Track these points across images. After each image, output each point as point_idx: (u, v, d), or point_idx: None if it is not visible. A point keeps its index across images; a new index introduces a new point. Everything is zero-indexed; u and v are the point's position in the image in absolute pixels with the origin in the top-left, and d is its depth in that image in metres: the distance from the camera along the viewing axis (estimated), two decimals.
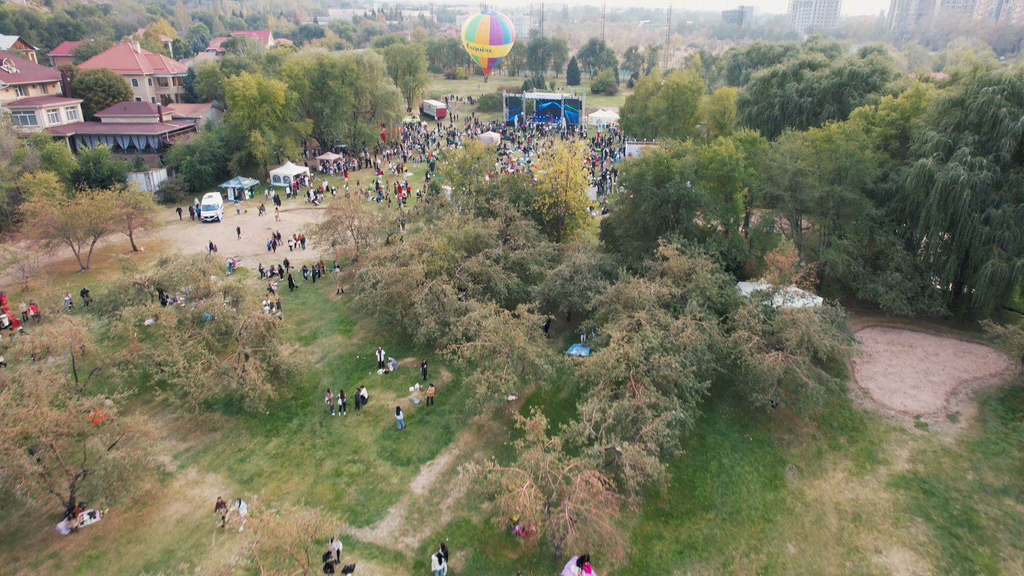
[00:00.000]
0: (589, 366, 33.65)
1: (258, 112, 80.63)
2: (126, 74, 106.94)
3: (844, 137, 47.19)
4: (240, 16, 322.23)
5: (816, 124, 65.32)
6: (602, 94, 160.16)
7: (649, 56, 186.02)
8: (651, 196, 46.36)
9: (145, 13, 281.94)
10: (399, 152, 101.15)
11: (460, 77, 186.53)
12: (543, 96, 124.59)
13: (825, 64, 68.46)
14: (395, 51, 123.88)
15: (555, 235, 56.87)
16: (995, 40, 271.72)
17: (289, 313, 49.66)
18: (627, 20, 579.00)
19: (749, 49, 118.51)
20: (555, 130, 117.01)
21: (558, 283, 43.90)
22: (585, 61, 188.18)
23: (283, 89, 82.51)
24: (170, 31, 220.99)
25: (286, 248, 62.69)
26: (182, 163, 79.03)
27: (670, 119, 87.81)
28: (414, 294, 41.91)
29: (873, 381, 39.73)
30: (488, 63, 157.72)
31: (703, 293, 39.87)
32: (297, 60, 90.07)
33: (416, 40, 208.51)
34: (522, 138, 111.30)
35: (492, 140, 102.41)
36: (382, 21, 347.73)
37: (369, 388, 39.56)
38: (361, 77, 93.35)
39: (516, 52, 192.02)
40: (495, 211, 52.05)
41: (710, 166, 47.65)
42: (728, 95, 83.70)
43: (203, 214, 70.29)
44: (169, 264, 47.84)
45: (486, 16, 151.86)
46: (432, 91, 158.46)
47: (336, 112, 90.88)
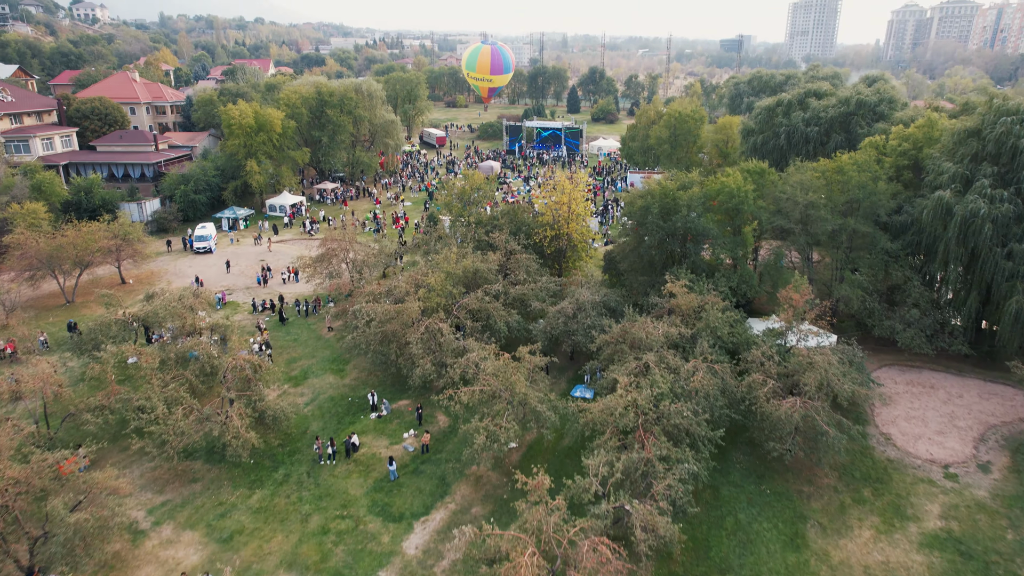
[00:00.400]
0: (595, 413, 31.44)
1: (254, 141, 79.39)
2: (124, 102, 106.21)
3: (856, 168, 45.57)
4: (243, 45, 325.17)
5: (823, 154, 64.01)
6: (602, 122, 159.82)
7: (649, 84, 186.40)
8: (657, 229, 44.56)
9: (148, 42, 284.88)
10: (398, 181, 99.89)
11: (460, 105, 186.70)
12: (544, 125, 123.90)
13: (831, 93, 67.29)
14: (395, 79, 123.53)
15: (557, 268, 54.99)
16: (992, 69, 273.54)
17: (280, 351, 47.53)
18: (626, 49, 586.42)
19: (750, 77, 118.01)
20: (556, 159, 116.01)
21: (560, 321, 41.86)
22: (585, 89, 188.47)
23: (280, 118, 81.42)
24: (172, 60, 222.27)
25: (279, 281, 60.75)
26: (176, 192, 77.51)
27: (673, 148, 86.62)
28: (409, 333, 39.84)
29: (895, 426, 37.45)
30: (489, 92, 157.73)
31: (714, 333, 37.82)
32: (295, 89, 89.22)
33: (417, 68, 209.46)
34: (522, 167, 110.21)
35: (492, 169, 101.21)
36: (383, 50, 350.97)
37: (361, 434, 37.27)
38: (360, 106, 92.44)
39: (516, 80, 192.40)
40: (495, 244, 50.23)
41: (718, 198, 45.93)
42: (731, 124, 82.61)
43: (195, 245, 68.52)
44: (155, 299, 45.83)
45: (487, 46, 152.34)
46: (432, 119, 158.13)
47: (334, 141, 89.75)
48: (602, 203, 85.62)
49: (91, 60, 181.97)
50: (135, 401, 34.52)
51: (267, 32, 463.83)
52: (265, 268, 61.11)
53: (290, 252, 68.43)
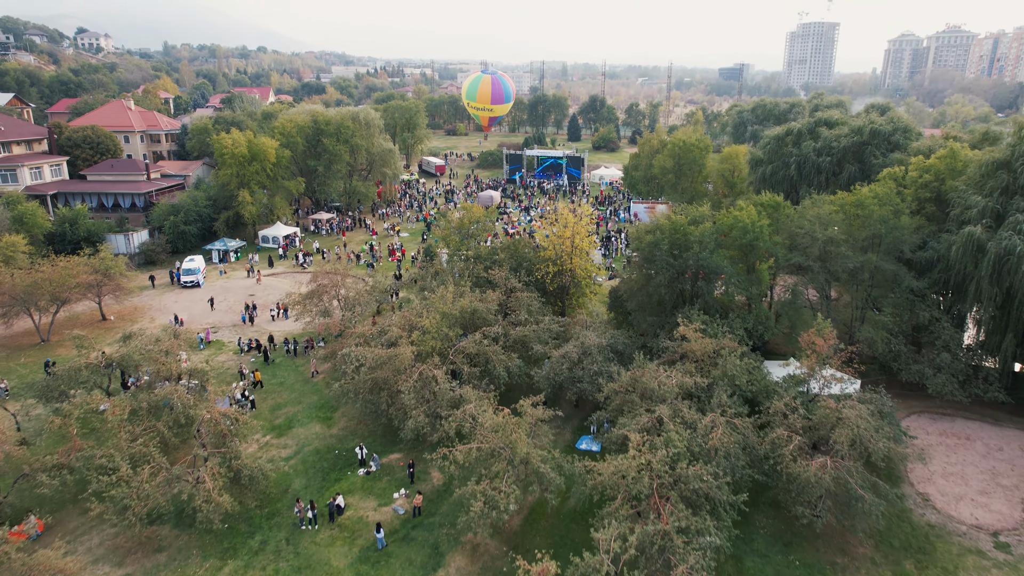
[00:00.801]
0: (605, 476, 28.28)
1: (247, 171, 77.16)
2: (118, 131, 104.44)
3: (877, 201, 42.98)
4: (244, 73, 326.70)
5: (836, 185, 61.58)
6: (603, 150, 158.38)
7: (650, 112, 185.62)
8: (667, 267, 41.79)
9: (150, 71, 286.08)
10: (396, 211, 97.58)
11: (460, 133, 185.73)
12: (544, 153, 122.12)
13: (842, 122, 65.13)
14: (394, 108, 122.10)
15: (559, 306, 52.11)
16: (991, 97, 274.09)
17: (264, 396, 44.42)
18: (625, 77, 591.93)
19: (754, 106, 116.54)
20: (557, 188, 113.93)
21: (565, 367, 38.84)
22: (586, 117, 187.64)
23: (274, 147, 79.32)
24: (172, 88, 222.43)
25: (268, 318, 57.80)
26: (165, 223, 75.04)
27: (677, 178, 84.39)
28: (401, 380, 36.78)
29: (932, 484, 34.22)
30: (489, 121, 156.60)
31: (731, 382, 34.80)
32: (290, 117, 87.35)
33: (417, 97, 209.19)
34: (523, 197, 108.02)
35: (492, 199, 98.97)
36: (384, 78, 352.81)
37: (347, 493, 34.02)
38: (357, 134, 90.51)
39: (516, 109, 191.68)
40: (494, 281, 47.43)
41: (731, 234, 43.25)
42: (737, 153, 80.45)
43: (183, 279, 65.72)
44: (132, 340, 42.94)
45: (487, 75, 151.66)
46: (432, 147, 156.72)
47: (330, 170, 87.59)
48: (604, 234, 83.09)
49: (91, 88, 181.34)
50: (98, 458, 31.35)
51: (269, 61, 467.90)
52: (250, 306, 58.08)
53: (281, 286, 65.63)
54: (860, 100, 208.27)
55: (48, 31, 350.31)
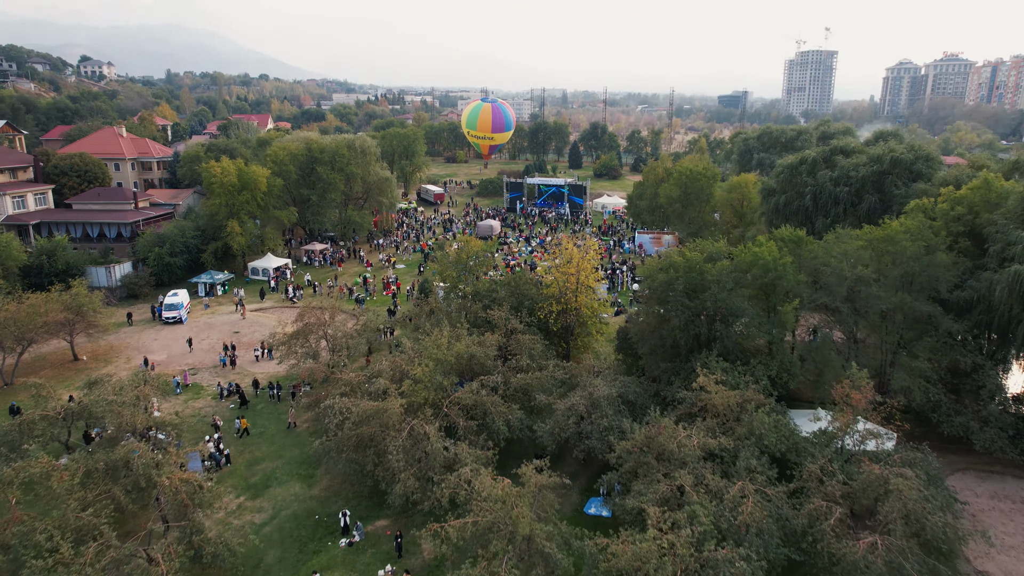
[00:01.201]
0: (622, 560, 24.34)
1: (237, 200, 74.03)
2: (108, 158, 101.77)
3: (908, 237, 39.53)
4: (245, 100, 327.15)
5: (854, 216, 58.32)
6: (605, 178, 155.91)
7: (651, 140, 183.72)
8: (682, 309, 38.18)
9: (151, 98, 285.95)
10: (392, 241, 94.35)
11: (460, 160, 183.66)
12: (546, 182, 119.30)
13: (860, 150, 62.14)
14: (392, 135, 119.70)
15: (564, 347, 48.41)
16: (993, 124, 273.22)
17: (241, 448, 40.52)
18: (625, 104, 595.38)
19: (760, 133, 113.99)
20: (558, 217, 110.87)
21: (571, 421, 35.02)
22: (587, 145, 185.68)
23: (265, 175, 76.31)
24: (171, 115, 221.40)
25: (252, 358, 54.00)
26: (150, 255, 71.68)
27: (684, 207, 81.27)
28: (389, 438, 32.97)
29: (992, 561, 30.17)
30: (489, 150, 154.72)
31: (759, 441, 30.99)
32: (283, 145, 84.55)
33: (417, 124, 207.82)
34: (524, 226, 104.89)
35: (492, 229, 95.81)
36: (385, 105, 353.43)
37: (327, 569, 29.99)
38: (352, 163, 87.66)
39: (517, 136, 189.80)
40: (493, 322, 43.80)
41: (751, 272, 39.73)
42: (747, 182, 77.42)
43: (164, 314, 62.13)
44: (97, 388, 39.27)
45: (487, 104, 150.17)
46: (431, 175, 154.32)
47: (324, 200, 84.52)
48: (609, 266, 79.64)
49: (87, 115, 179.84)
50: (38, 533, 27.39)
51: (271, 88, 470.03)
52: (230, 346, 54.21)
53: (267, 322, 62.01)
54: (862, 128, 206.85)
55: (51, 59, 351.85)
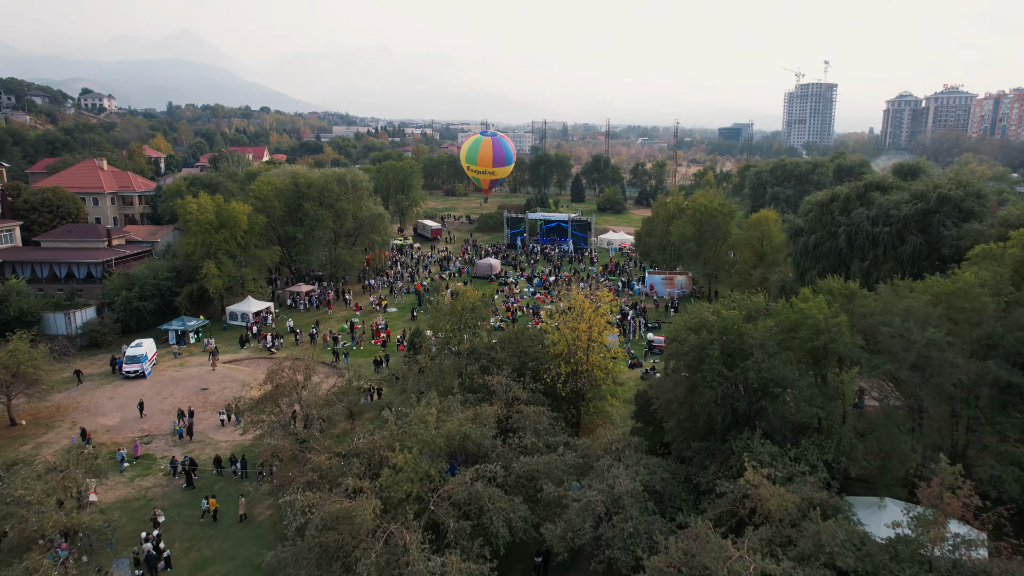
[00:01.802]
0: None
1: (214, 239, 68.08)
2: (86, 192, 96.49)
3: (986, 291, 33.24)
4: (243, 133, 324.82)
5: (896, 259, 52.15)
6: (609, 212, 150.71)
7: (656, 173, 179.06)
8: (719, 380, 31.69)
9: (148, 130, 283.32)
10: (385, 281, 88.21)
11: (459, 194, 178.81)
12: (548, 217, 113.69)
13: (898, 185, 56.37)
14: (387, 168, 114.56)
15: (574, 414, 41.82)
16: (1000, 156, 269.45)
17: (188, 545, 33.67)
18: (625, 137, 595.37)
19: (773, 166, 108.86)
20: (562, 254, 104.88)
21: (588, 524, 28.27)
22: (589, 178, 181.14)
23: (247, 212, 70.54)
24: (166, 147, 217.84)
25: (216, 423, 47.28)
26: (116, 299, 65.48)
27: (699, 246, 75.32)
28: (361, 548, 26.24)
29: None
30: (490, 184, 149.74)
31: (830, 559, 24.27)
32: (268, 179, 79.02)
33: (416, 156, 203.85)
34: (525, 264, 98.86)
35: (491, 267, 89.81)
36: (384, 138, 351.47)
37: None
38: (342, 198, 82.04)
39: (518, 169, 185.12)
40: (492, 388, 37.31)
41: (799, 333, 33.31)
42: (767, 219, 71.61)
43: (124, 367, 55.57)
44: (17, 473, 32.69)
45: (487, 138, 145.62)
46: (429, 209, 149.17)
47: (311, 237, 78.59)
48: (618, 310, 73.19)
49: (78, 147, 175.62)
50: None
51: (271, 121, 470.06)
52: (184, 414, 47.14)
53: (239, 377, 55.49)
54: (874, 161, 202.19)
55: (51, 92, 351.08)
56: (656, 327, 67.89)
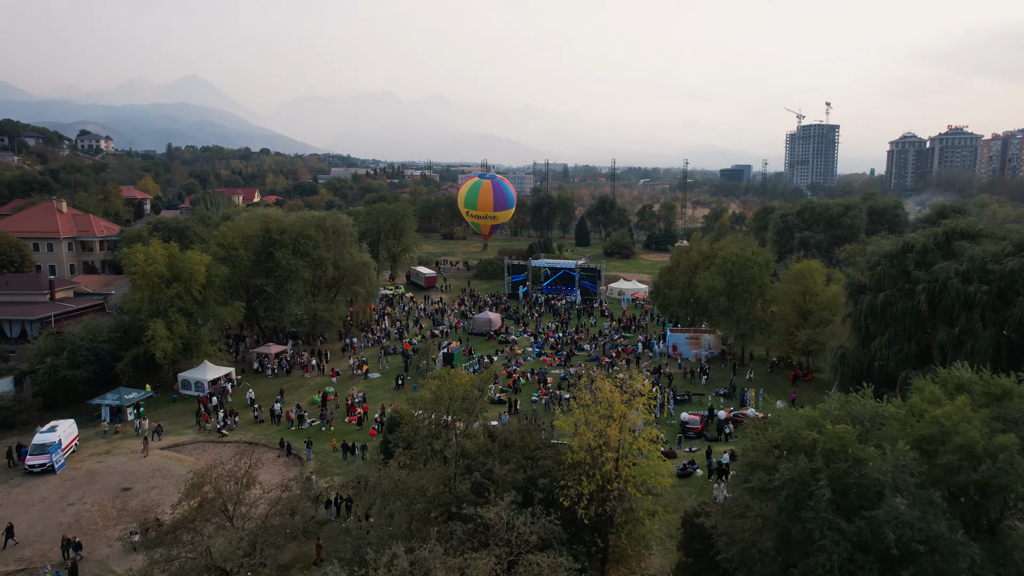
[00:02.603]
0: None
1: (164, 295, 57.79)
2: (39, 237, 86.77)
3: None
4: (239, 174, 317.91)
5: (995, 325, 41.64)
6: (616, 257, 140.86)
7: (665, 215, 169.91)
8: (834, 537, 20.73)
9: (140, 171, 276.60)
10: (371, 338, 77.55)
11: (458, 237, 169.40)
12: (553, 264, 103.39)
13: (990, 233, 46.20)
14: (378, 211, 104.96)
15: (598, 546, 30.62)
16: (1017, 196, 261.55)
17: None
18: (626, 179, 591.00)
19: (800, 208, 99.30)
20: (569, 306, 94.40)
21: None
22: (594, 220, 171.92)
23: (205, 263, 60.41)
24: (154, 187, 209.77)
25: (119, 550, 35.86)
26: (40, 366, 54.78)
27: (731, 301, 64.90)
28: None
29: None
30: (490, 230, 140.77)
31: None
32: (234, 225, 69.11)
33: (413, 198, 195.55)
34: (528, 318, 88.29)
35: (490, 323, 79.30)
36: (383, 179, 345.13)
37: None
38: (321, 245, 72.12)
39: (519, 211, 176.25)
40: (488, 523, 26.34)
41: (939, 458, 22.47)
42: (811, 270, 61.53)
43: (28, 459, 44.37)
44: None
45: (486, 181, 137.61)
46: (426, 253, 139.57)
47: (283, 291, 68.31)
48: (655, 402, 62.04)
49: (57, 188, 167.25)
50: None
51: (270, 162, 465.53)
52: (72, 541, 35.41)
53: (176, 471, 44.29)
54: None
55: (47, 134, 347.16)
56: (685, 399, 56.99)
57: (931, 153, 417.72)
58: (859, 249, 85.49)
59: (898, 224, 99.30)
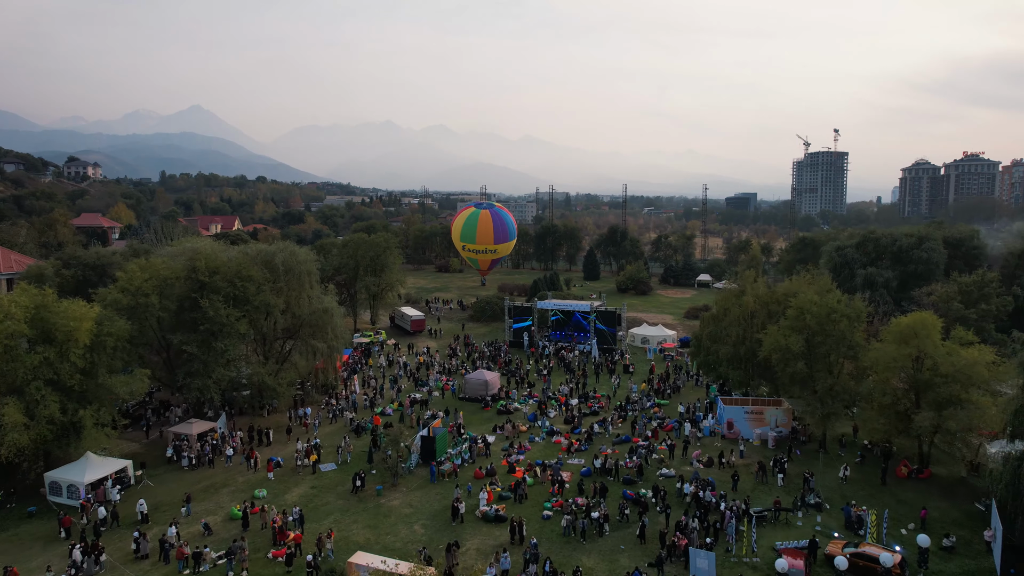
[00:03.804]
0: None
1: (22, 364, 40.97)
2: None
3: None
4: (227, 202, 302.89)
5: None
6: (631, 293, 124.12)
7: (682, 245, 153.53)
8: None
9: (120, 198, 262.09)
10: (334, 408, 60.43)
11: (454, 270, 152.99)
12: (563, 306, 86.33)
13: None
14: (357, 243, 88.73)
15: None
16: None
17: None
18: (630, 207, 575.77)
19: (861, 239, 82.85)
20: (583, 359, 77.31)
21: None
22: (604, 251, 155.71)
23: (91, 317, 43.71)
24: (127, 215, 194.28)
25: None
26: None
27: (810, 367, 47.95)
28: None
29: None
30: (490, 265, 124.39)
31: None
32: (146, 265, 52.50)
33: (407, 227, 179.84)
34: (535, 374, 71.18)
35: (486, 386, 62.25)
36: (379, 208, 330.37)
37: None
38: (268, 288, 55.54)
39: (521, 242, 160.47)
40: None
41: None
42: (925, 325, 44.63)
43: None
44: None
45: (484, 211, 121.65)
46: (418, 288, 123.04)
47: (210, 350, 51.36)
48: (691, 477, 44.44)
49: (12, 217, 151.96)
50: None
51: (266, 190, 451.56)
52: None
53: None
54: None
55: (31, 160, 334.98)
56: (765, 515, 39.21)
57: (946, 180, 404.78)
58: (948, 290, 68.70)
59: (977, 258, 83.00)
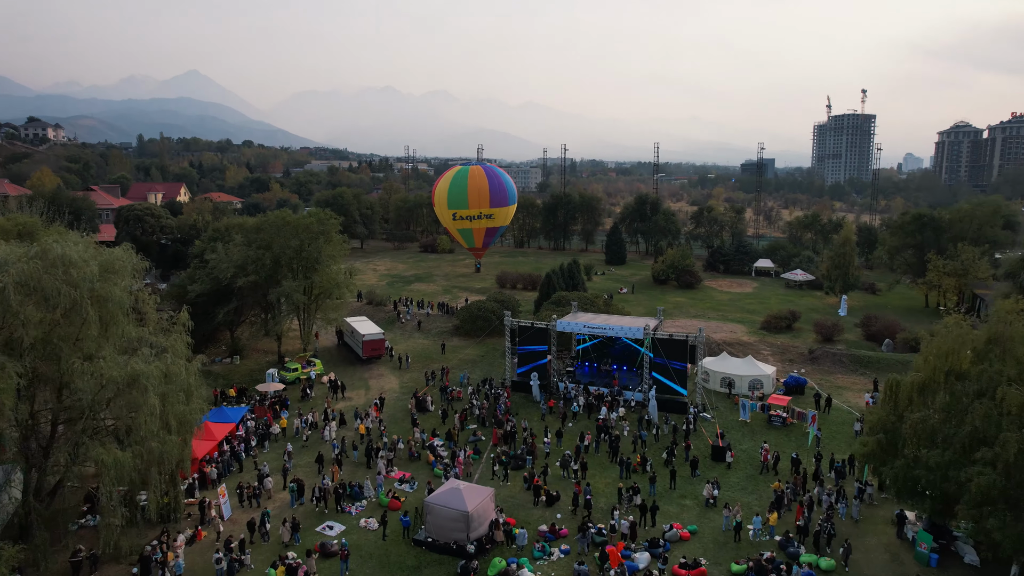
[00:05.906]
0: None
1: None
2: None
3: None
4: (196, 167, 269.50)
5: None
6: (671, 284, 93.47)
7: (732, 221, 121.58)
8: None
9: (64, 162, 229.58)
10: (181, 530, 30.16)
11: (442, 250, 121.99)
12: (598, 328, 54.53)
13: None
14: (274, 226, 57.63)
15: None
16: None
17: None
18: (638, 173, 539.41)
19: None
20: (644, 426, 46.10)
21: None
22: (630, 228, 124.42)
23: None
24: (51, 180, 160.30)
25: None
26: None
27: None
28: None
29: None
30: (485, 237, 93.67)
31: None
32: None
33: (387, 194, 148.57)
34: (556, 464, 40.44)
35: (467, 520, 31.64)
36: (366, 174, 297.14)
37: None
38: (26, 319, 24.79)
39: (528, 215, 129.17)
40: None
41: None
42: None
43: None
44: None
45: (475, 166, 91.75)
46: (387, 277, 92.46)
47: None
48: None
49: None
50: None
51: (251, 155, 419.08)
52: None
53: None
54: None
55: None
56: None
57: (990, 144, 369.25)
58: None
59: None
